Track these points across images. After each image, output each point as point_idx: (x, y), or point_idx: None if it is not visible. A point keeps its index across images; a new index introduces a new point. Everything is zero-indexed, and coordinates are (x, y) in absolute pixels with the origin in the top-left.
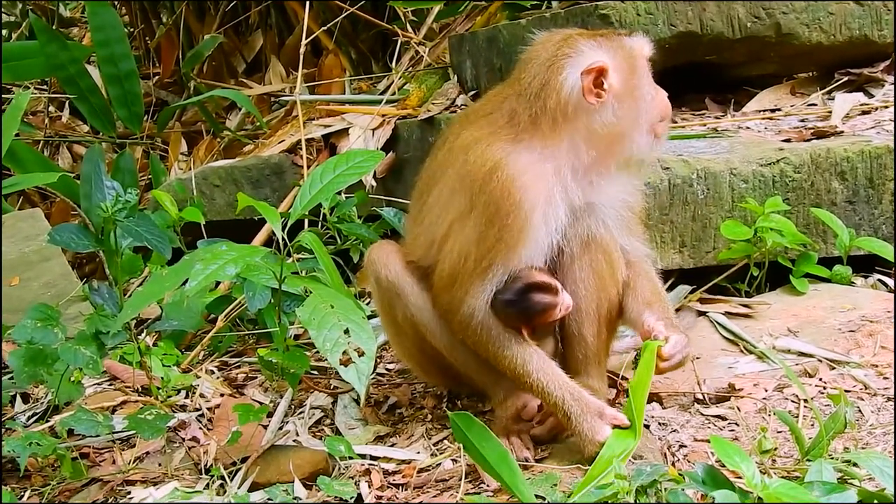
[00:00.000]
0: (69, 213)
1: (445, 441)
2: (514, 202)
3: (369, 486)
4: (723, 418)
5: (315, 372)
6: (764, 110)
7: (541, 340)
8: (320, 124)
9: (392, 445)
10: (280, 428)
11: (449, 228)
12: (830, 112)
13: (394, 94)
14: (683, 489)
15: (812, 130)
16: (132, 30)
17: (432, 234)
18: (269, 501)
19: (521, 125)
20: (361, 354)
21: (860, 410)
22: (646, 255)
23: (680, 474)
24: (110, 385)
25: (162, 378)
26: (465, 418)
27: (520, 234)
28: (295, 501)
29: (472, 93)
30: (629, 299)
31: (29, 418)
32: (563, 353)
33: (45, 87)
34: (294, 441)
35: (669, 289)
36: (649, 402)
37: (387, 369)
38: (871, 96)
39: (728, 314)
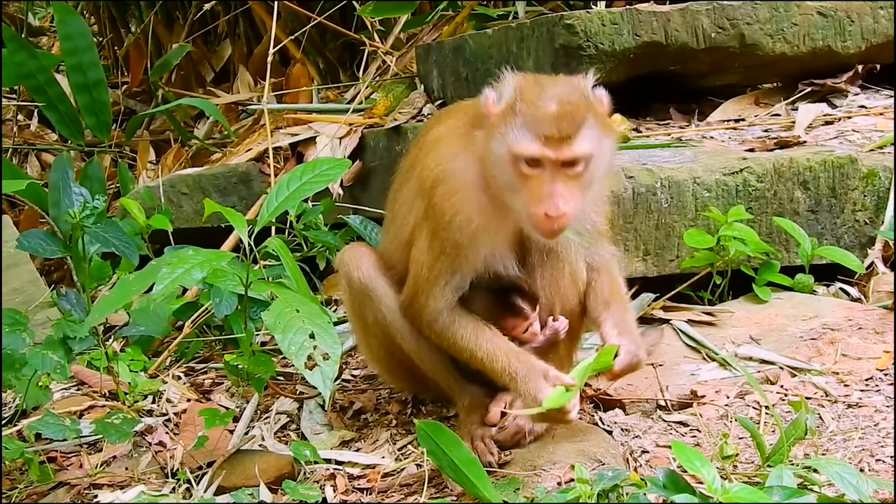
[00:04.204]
0: (38, 220)
1: (409, 446)
2: (447, 220)
3: (334, 491)
4: (685, 424)
5: (281, 377)
6: (728, 120)
7: None
8: (288, 133)
9: (357, 450)
10: (246, 433)
11: (412, 233)
12: (794, 122)
13: (361, 103)
14: (645, 493)
15: (775, 140)
16: (101, 39)
17: (402, 236)
18: None
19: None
20: (327, 358)
21: (821, 417)
22: (611, 255)
23: (641, 479)
24: (78, 390)
25: (129, 383)
26: (433, 426)
27: (457, 249)
28: None
29: (439, 102)
30: (590, 299)
31: None
32: None
33: (13, 95)
34: (260, 446)
35: (633, 297)
36: (612, 408)
37: (352, 375)
38: (835, 107)
39: (691, 322)
